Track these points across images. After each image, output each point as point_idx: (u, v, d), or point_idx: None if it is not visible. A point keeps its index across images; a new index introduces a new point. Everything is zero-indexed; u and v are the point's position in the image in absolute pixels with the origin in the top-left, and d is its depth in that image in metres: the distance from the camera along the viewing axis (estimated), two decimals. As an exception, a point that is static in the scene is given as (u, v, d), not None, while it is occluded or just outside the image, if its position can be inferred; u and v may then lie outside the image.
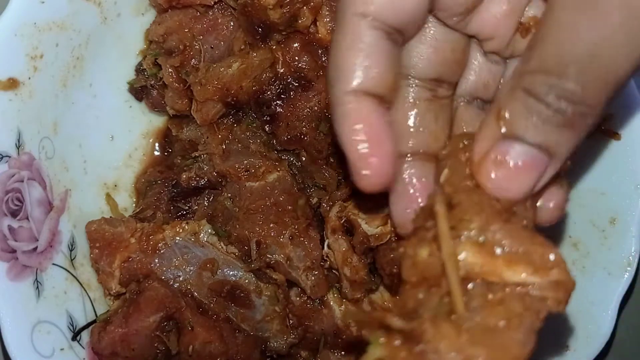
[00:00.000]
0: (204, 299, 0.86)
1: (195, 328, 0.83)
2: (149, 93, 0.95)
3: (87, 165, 0.93)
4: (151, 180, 0.94)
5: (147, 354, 0.82)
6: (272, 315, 0.87)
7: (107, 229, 0.86)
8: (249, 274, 0.87)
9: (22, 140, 0.82)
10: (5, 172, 0.80)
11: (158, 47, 0.90)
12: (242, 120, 0.90)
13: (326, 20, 0.84)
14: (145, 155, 0.99)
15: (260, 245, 0.86)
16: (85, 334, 0.85)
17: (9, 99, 0.80)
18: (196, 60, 0.89)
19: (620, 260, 0.87)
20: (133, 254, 0.86)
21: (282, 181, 0.88)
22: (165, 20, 0.89)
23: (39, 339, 0.80)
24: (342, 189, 0.88)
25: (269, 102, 0.86)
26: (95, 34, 0.90)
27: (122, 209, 0.96)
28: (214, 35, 0.89)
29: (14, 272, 0.79)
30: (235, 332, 0.86)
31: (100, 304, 0.89)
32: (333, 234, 0.87)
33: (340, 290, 0.89)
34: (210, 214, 0.90)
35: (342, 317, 0.87)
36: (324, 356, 0.90)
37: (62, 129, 0.88)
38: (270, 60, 0.85)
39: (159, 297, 0.82)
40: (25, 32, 0.81)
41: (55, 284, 0.84)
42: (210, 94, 0.86)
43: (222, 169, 0.89)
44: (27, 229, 0.82)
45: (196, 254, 0.87)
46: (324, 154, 0.88)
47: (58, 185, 0.87)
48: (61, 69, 0.87)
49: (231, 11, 0.88)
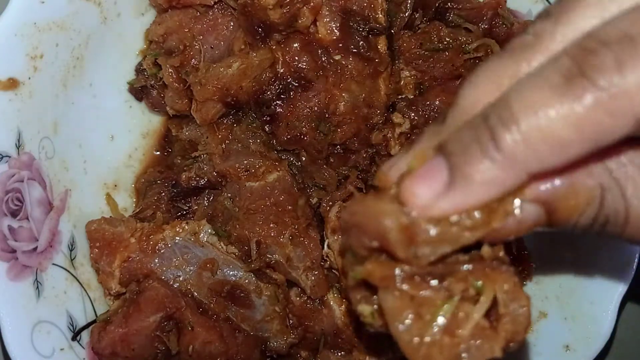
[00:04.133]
0: (204, 299, 0.86)
1: (195, 328, 0.83)
2: (149, 93, 0.96)
3: (87, 165, 0.93)
4: (151, 180, 0.95)
5: (147, 354, 0.82)
6: (272, 315, 0.87)
7: (107, 229, 0.86)
8: (249, 274, 0.87)
9: (22, 140, 0.82)
10: (5, 172, 0.80)
11: (158, 47, 0.90)
12: (242, 120, 0.90)
13: (326, 20, 0.84)
14: (145, 155, 0.99)
15: (260, 245, 0.86)
16: (85, 334, 0.85)
17: (9, 99, 0.80)
18: (196, 60, 0.89)
19: (620, 260, 0.87)
20: (133, 253, 0.86)
21: (282, 181, 0.88)
22: (165, 20, 0.90)
23: (39, 339, 0.80)
24: (342, 189, 0.88)
25: (269, 102, 0.86)
26: (95, 34, 0.90)
27: (122, 209, 0.96)
28: (214, 35, 0.89)
29: (14, 272, 0.79)
30: (235, 332, 0.86)
31: (100, 304, 0.89)
32: (333, 234, 0.87)
33: (340, 290, 0.89)
34: (210, 214, 0.90)
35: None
36: (324, 356, 0.90)
37: (62, 129, 0.88)
38: (270, 60, 0.85)
39: (159, 297, 0.82)
40: (25, 32, 0.81)
41: (55, 284, 0.84)
42: (210, 94, 0.86)
43: (222, 169, 0.89)
44: (27, 229, 0.82)
45: (196, 254, 0.87)
46: (324, 154, 0.88)
47: (58, 185, 0.87)
48: (61, 69, 0.87)
49: (231, 11, 0.88)
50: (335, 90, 0.85)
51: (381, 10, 0.85)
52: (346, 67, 0.85)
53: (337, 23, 0.84)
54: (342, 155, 0.89)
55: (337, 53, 0.85)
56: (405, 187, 0.46)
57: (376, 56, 0.85)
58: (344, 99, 0.85)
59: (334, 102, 0.85)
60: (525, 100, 0.43)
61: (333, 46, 0.85)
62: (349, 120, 0.86)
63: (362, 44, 0.84)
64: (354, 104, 0.85)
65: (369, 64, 0.85)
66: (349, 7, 0.84)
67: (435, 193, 0.46)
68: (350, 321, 0.89)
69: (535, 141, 0.42)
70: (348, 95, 0.85)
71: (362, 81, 0.85)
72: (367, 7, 0.84)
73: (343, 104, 0.85)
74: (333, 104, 0.85)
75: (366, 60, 0.85)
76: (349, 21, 0.84)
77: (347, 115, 0.86)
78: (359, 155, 0.89)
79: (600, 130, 0.42)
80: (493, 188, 0.45)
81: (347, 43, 0.85)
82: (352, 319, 0.88)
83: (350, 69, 0.85)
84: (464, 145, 0.45)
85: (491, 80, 0.47)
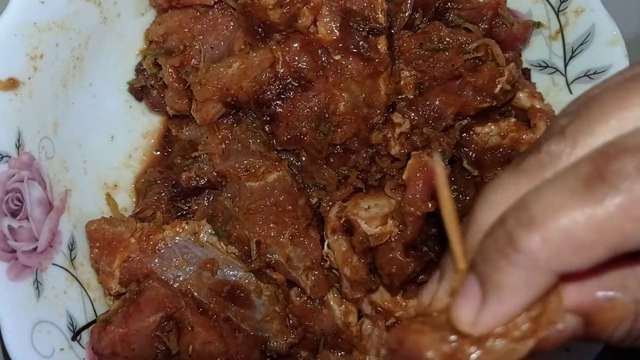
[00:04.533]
0: (204, 299, 0.86)
1: (195, 328, 0.83)
2: (149, 93, 0.96)
3: (87, 165, 0.93)
4: (151, 180, 0.94)
5: (147, 354, 0.82)
6: (272, 315, 0.87)
7: (107, 229, 0.86)
8: (249, 274, 0.87)
9: (22, 140, 0.82)
10: (5, 172, 0.80)
11: (158, 47, 0.90)
12: (242, 120, 0.90)
13: (326, 20, 0.84)
14: (145, 155, 0.99)
15: (260, 245, 0.86)
16: (85, 334, 0.85)
17: (9, 99, 0.80)
18: (196, 60, 0.89)
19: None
20: (133, 253, 0.86)
21: (282, 181, 0.88)
22: (165, 20, 0.90)
23: (39, 339, 0.80)
24: (342, 189, 0.88)
25: (269, 102, 0.86)
26: (95, 34, 0.90)
27: (122, 209, 0.96)
28: (214, 35, 0.89)
29: (14, 272, 0.79)
30: (235, 332, 0.86)
31: (100, 304, 0.89)
32: (333, 234, 0.87)
33: (340, 290, 0.89)
34: (210, 214, 0.90)
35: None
36: (324, 356, 0.90)
37: (62, 129, 0.88)
38: (270, 60, 0.85)
39: (159, 297, 0.82)
40: (25, 32, 0.81)
41: (55, 284, 0.84)
42: (210, 94, 0.86)
43: (222, 169, 0.89)
44: (27, 229, 0.82)
45: (196, 254, 0.87)
46: (324, 154, 0.88)
47: (58, 185, 0.87)
48: (61, 69, 0.87)
49: (231, 11, 0.88)
50: (335, 90, 0.85)
51: (381, 10, 0.85)
52: (346, 67, 0.85)
53: (337, 23, 0.84)
54: (342, 155, 0.89)
55: (337, 53, 0.85)
56: (451, 312, 0.47)
57: (376, 56, 0.85)
58: (344, 99, 0.85)
59: (334, 102, 0.85)
60: (544, 203, 0.43)
61: (333, 46, 0.85)
62: (349, 120, 0.86)
63: (362, 44, 0.84)
64: (354, 104, 0.85)
65: (369, 64, 0.85)
66: (349, 7, 0.84)
67: (474, 310, 0.46)
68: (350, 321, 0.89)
69: (556, 242, 0.42)
70: (348, 95, 0.85)
71: (362, 81, 0.85)
72: (367, 7, 0.84)
73: (343, 104, 0.85)
74: (333, 104, 0.85)
75: (366, 60, 0.85)
76: (349, 21, 0.84)
77: (347, 115, 0.86)
78: (359, 155, 0.89)
79: (622, 235, 0.42)
80: (524, 292, 0.45)
81: (347, 43, 0.84)
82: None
83: (350, 69, 0.85)
84: (486, 254, 0.45)
85: (507, 197, 0.47)
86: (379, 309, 0.90)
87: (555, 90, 0.97)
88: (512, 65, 0.87)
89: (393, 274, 0.84)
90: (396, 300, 0.90)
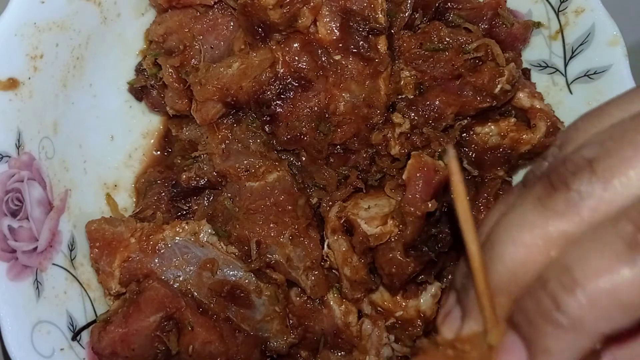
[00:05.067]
0: (204, 299, 0.86)
1: (195, 328, 0.83)
2: (149, 93, 0.96)
3: (87, 165, 0.93)
4: (151, 180, 0.95)
5: (147, 354, 0.82)
6: (272, 315, 0.87)
7: (107, 229, 0.86)
8: (249, 274, 0.87)
9: (22, 140, 0.82)
10: (5, 172, 0.80)
11: (158, 47, 0.90)
12: (242, 120, 0.90)
13: (326, 20, 0.84)
14: (145, 155, 0.99)
15: (260, 245, 0.86)
16: (85, 334, 0.85)
17: (9, 99, 0.80)
18: (196, 60, 0.89)
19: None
20: (133, 253, 0.86)
21: (282, 181, 0.88)
22: (165, 20, 0.90)
23: (39, 339, 0.80)
24: (342, 189, 0.88)
25: (269, 102, 0.86)
26: (95, 34, 0.90)
27: (122, 209, 0.96)
28: (214, 35, 0.89)
29: (14, 272, 0.79)
30: (235, 332, 0.86)
31: (100, 304, 0.89)
32: (333, 234, 0.87)
33: (340, 290, 0.89)
34: (210, 214, 0.90)
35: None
36: (324, 356, 0.90)
37: (62, 129, 0.88)
38: (270, 60, 0.85)
39: (159, 297, 0.82)
40: (25, 32, 0.81)
41: (55, 284, 0.84)
42: (210, 94, 0.86)
43: (222, 169, 0.89)
44: (27, 229, 0.82)
45: (196, 254, 0.87)
46: (324, 154, 0.88)
47: (58, 185, 0.87)
48: (61, 69, 0.87)
49: (231, 11, 0.88)
50: (335, 90, 0.85)
51: (381, 10, 0.85)
52: (346, 67, 0.85)
53: (337, 23, 0.84)
54: (342, 155, 0.89)
55: (337, 53, 0.85)
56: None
57: (376, 56, 0.85)
58: (344, 99, 0.85)
59: (334, 102, 0.85)
60: (587, 265, 0.44)
61: (333, 46, 0.85)
62: (349, 120, 0.86)
63: (362, 44, 0.84)
64: (354, 104, 0.85)
65: (369, 64, 0.85)
66: (349, 7, 0.84)
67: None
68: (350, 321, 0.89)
69: (602, 304, 0.43)
70: (348, 95, 0.85)
71: (362, 81, 0.85)
72: (367, 7, 0.84)
73: (343, 104, 0.85)
74: (333, 104, 0.85)
75: (366, 60, 0.85)
76: (349, 21, 0.84)
77: (347, 115, 0.86)
78: (359, 155, 0.89)
79: None
80: (571, 355, 0.45)
81: (347, 43, 0.84)
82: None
83: (350, 69, 0.85)
84: (529, 316, 0.46)
85: (536, 238, 0.47)
86: (379, 309, 0.90)
87: (555, 90, 0.97)
88: (512, 65, 0.87)
89: (393, 274, 0.84)
90: (396, 300, 0.90)
